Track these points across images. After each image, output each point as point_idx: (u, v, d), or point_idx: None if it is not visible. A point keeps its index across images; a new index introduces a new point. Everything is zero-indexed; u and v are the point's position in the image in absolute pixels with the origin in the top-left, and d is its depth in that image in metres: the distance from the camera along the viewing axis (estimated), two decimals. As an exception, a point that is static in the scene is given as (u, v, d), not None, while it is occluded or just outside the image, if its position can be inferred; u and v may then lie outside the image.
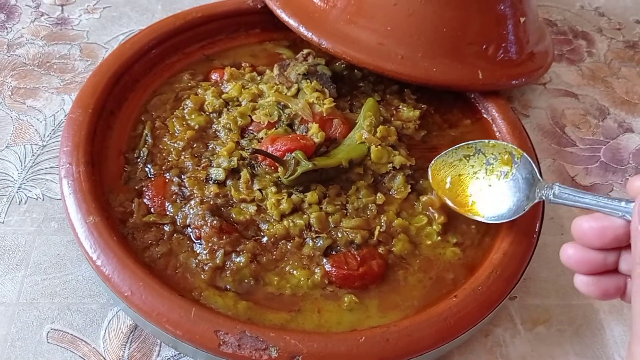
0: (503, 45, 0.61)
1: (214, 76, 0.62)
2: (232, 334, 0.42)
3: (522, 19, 0.63)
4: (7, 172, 0.58)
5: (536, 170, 0.48)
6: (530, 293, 0.53)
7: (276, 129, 0.55)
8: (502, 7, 0.61)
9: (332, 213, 0.51)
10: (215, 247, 0.48)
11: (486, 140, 0.51)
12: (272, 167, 0.52)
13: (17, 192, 0.56)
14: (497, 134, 0.60)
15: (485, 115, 0.62)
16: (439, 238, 0.51)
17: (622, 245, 0.39)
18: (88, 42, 0.71)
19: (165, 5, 0.77)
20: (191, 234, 0.50)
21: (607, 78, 0.74)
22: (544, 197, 0.46)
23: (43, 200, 0.56)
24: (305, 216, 0.50)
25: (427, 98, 0.62)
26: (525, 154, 0.49)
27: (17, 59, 0.69)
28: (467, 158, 0.51)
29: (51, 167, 0.58)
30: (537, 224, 0.52)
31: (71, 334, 0.47)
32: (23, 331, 0.47)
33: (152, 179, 0.53)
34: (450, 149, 0.52)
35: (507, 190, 0.49)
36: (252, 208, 0.51)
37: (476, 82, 0.60)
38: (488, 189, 0.50)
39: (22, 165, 0.58)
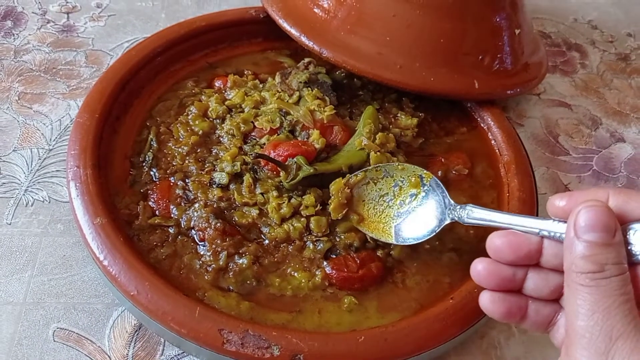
0: (499, 55, 0.63)
1: (217, 83, 0.64)
2: (235, 333, 0.43)
3: (517, 31, 0.65)
4: (15, 175, 0.59)
5: (446, 192, 0.49)
6: (524, 297, 0.54)
7: (278, 135, 0.56)
8: (497, 19, 0.63)
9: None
10: (219, 249, 0.49)
11: (396, 164, 0.52)
12: (274, 172, 0.54)
13: (24, 194, 0.57)
14: (493, 142, 0.62)
15: (481, 124, 0.64)
16: (437, 242, 0.53)
17: (532, 262, 0.40)
18: (93, 49, 0.73)
19: (169, 14, 0.79)
20: (195, 236, 0.51)
21: (600, 89, 0.76)
22: (455, 218, 0.46)
23: (49, 202, 0.57)
24: (303, 219, 0.51)
25: (425, 106, 0.64)
26: (435, 177, 0.50)
27: (23, 64, 0.70)
28: (375, 181, 0.52)
29: (57, 171, 0.60)
30: (531, 229, 0.53)
31: (77, 333, 0.48)
32: (30, 330, 0.48)
33: (157, 182, 0.55)
34: (359, 171, 0.52)
35: (416, 213, 0.50)
36: (255, 211, 0.52)
37: (472, 92, 0.62)
38: (397, 212, 0.50)
39: (28, 169, 0.60)
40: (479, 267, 0.41)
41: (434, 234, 0.48)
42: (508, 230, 0.41)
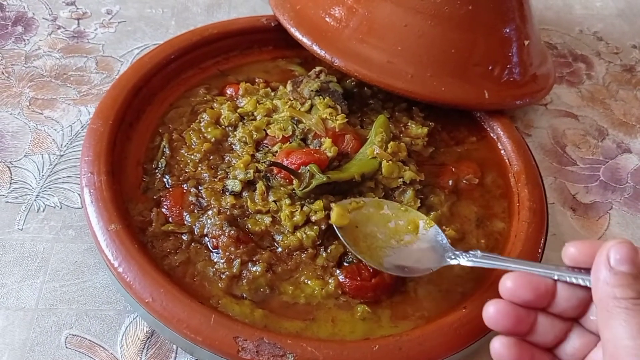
0: (508, 66, 0.64)
1: (229, 91, 0.64)
2: (250, 341, 0.43)
3: (526, 42, 0.65)
4: (26, 180, 0.59)
5: (446, 240, 0.49)
6: (534, 306, 0.54)
7: (290, 143, 0.57)
8: (507, 30, 0.64)
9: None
10: (233, 257, 0.49)
11: (399, 205, 0.52)
12: (287, 180, 0.54)
13: (35, 200, 0.57)
14: (502, 151, 0.62)
15: (490, 134, 0.64)
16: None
17: (543, 305, 0.42)
18: (104, 55, 0.73)
19: (179, 21, 0.79)
20: (208, 243, 0.51)
21: (606, 100, 0.76)
22: (457, 261, 0.47)
23: (61, 208, 0.57)
24: (316, 227, 0.52)
25: (435, 116, 0.64)
26: (436, 226, 0.50)
27: (34, 70, 0.70)
28: (373, 214, 0.52)
29: (68, 177, 0.60)
30: (542, 240, 0.53)
31: (89, 340, 0.48)
32: (42, 336, 0.48)
33: (170, 189, 0.55)
34: (361, 199, 0.52)
35: (410, 250, 0.50)
36: (267, 219, 0.52)
37: (482, 102, 0.62)
38: (388, 247, 0.50)
39: (40, 174, 0.60)
40: (491, 310, 0.42)
41: (430, 271, 0.48)
42: (523, 271, 0.43)
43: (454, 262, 0.47)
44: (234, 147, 0.58)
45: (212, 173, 0.55)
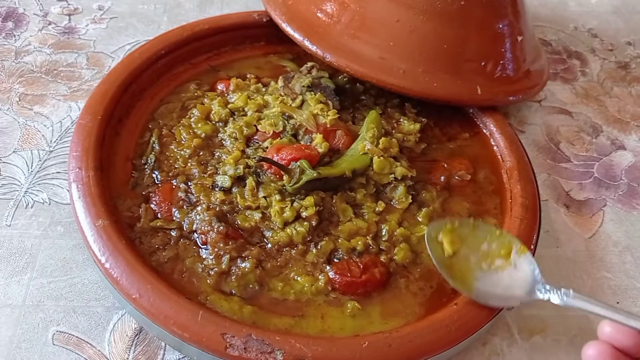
0: (501, 62, 0.63)
1: (220, 86, 0.64)
2: (238, 337, 0.43)
3: (519, 38, 0.65)
4: (15, 176, 0.58)
5: (538, 269, 0.47)
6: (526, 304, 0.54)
7: (281, 138, 0.56)
8: (500, 26, 0.63)
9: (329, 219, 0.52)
10: (221, 253, 0.49)
11: (494, 228, 0.51)
12: (277, 176, 0.54)
13: (23, 196, 0.57)
14: (495, 148, 0.62)
15: (483, 130, 0.64)
16: (440, 248, 0.52)
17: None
18: (95, 51, 0.73)
19: (171, 17, 0.79)
20: (197, 239, 0.51)
21: (600, 97, 0.76)
22: (550, 299, 0.45)
23: (49, 204, 0.56)
24: (306, 224, 0.51)
25: (427, 112, 0.64)
26: (530, 252, 0.48)
27: (24, 66, 0.70)
28: (475, 229, 0.50)
29: (58, 172, 0.59)
30: (534, 236, 0.53)
31: (76, 337, 0.48)
32: (29, 333, 0.48)
33: (159, 185, 0.54)
34: (459, 219, 0.51)
35: (500, 277, 0.48)
36: (257, 215, 0.52)
37: (475, 97, 0.62)
38: (479, 271, 0.48)
39: (29, 170, 0.59)
40: (590, 352, 0.41)
41: (519, 304, 0.47)
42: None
43: (544, 297, 0.45)
44: (224, 142, 0.57)
45: (202, 169, 0.55)
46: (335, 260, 0.51)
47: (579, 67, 0.80)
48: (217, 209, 0.51)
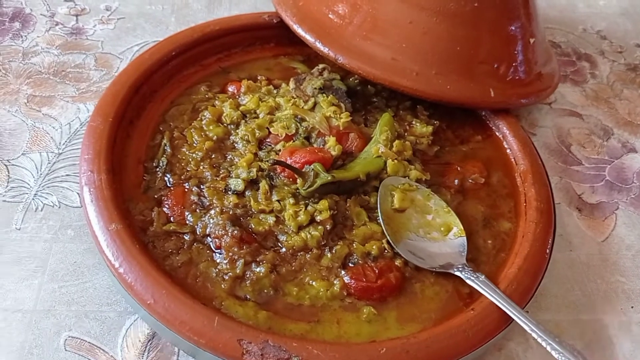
0: (513, 64, 0.63)
1: (231, 88, 0.63)
2: (255, 343, 0.42)
3: (531, 40, 0.65)
4: (24, 179, 0.58)
5: (465, 254, 0.51)
6: (541, 308, 0.53)
7: (293, 141, 0.56)
8: (512, 28, 0.63)
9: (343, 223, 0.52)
10: (236, 257, 0.48)
11: (445, 205, 0.54)
12: (290, 179, 0.53)
13: (33, 199, 0.56)
14: (508, 150, 0.61)
15: (496, 132, 0.63)
16: (455, 252, 0.52)
17: None
18: (103, 52, 0.72)
19: (179, 18, 0.78)
20: (211, 243, 0.50)
21: (610, 99, 0.76)
22: (460, 275, 0.49)
23: (59, 207, 0.56)
24: (320, 227, 0.51)
25: (439, 114, 0.64)
26: (464, 237, 0.52)
27: (32, 67, 0.69)
28: (428, 199, 0.54)
29: (67, 175, 0.58)
30: (550, 240, 0.53)
31: (89, 342, 0.47)
32: (41, 338, 0.47)
33: (171, 188, 0.54)
34: (419, 185, 0.55)
35: (429, 244, 0.52)
36: (271, 219, 0.51)
37: (488, 100, 0.61)
38: (417, 234, 0.53)
39: (38, 173, 0.58)
40: None
41: (430, 268, 0.50)
42: None
43: (457, 273, 0.49)
44: (236, 145, 0.57)
45: (214, 172, 0.54)
46: (350, 264, 0.50)
47: (588, 69, 0.80)
48: (231, 213, 0.51)
